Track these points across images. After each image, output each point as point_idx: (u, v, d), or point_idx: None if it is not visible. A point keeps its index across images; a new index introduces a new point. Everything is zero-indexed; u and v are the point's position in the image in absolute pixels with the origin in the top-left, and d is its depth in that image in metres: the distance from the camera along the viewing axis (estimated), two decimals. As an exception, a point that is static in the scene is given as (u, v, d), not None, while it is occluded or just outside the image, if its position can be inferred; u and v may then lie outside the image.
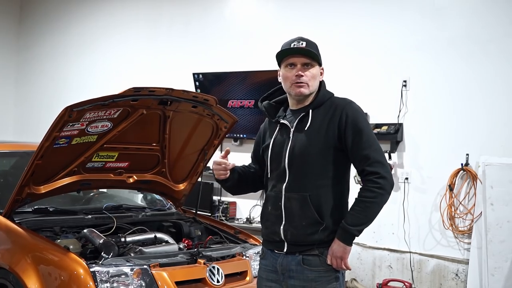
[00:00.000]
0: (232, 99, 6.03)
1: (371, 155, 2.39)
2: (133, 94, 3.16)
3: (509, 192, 4.56)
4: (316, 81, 2.50)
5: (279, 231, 2.47)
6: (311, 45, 2.50)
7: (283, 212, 2.46)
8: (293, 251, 2.45)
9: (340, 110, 2.44)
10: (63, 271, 2.97)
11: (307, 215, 2.41)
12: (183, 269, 3.17)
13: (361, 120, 2.44)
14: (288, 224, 2.45)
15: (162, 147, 3.73)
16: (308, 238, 2.41)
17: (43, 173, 3.34)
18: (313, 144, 2.43)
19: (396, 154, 5.24)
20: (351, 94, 2.46)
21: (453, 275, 4.95)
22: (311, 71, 2.47)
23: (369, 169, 2.38)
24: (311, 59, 2.48)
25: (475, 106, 4.89)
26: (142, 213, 3.93)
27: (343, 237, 2.39)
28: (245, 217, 6.07)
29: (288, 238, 2.45)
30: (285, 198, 2.46)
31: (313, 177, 2.43)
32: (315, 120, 2.46)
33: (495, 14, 4.84)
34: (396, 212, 5.18)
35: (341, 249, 2.39)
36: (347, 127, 2.41)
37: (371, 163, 2.38)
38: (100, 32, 7.65)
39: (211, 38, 6.53)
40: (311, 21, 5.76)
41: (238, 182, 2.65)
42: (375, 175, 2.37)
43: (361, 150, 2.40)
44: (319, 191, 2.43)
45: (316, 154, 2.43)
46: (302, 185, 2.44)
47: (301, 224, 2.42)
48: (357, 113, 2.45)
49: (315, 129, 2.45)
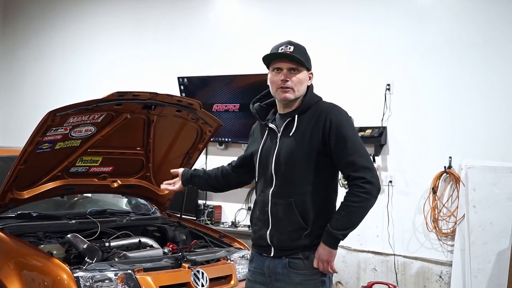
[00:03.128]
0: (217, 103, 6.04)
1: (356, 160, 2.38)
2: (117, 98, 3.15)
3: (491, 195, 4.61)
4: (302, 86, 2.48)
5: (266, 236, 2.49)
6: (298, 50, 2.48)
7: (269, 218, 2.48)
8: (280, 255, 2.47)
9: (325, 115, 2.43)
10: (47, 276, 2.95)
11: (292, 220, 2.43)
12: (168, 274, 3.17)
13: (345, 126, 2.42)
14: (274, 229, 2.47)
15: (146, 151, 3.72)
16: (294, 243, 2.43)
17: (26, 178, 3.31)
18: (298, 150, 2.43)
19: (380, 158, 5.27)
20: (335, 97, 2.47)
21: (436, 277, 4.99)
22: (297, 76, 2.46)
23: (355, 174, 2.38)
24: (297, 64, 2.46)
25: (458, 109, 4.94)
26: (127, 218, 3.91)
27: (328, 241, 2.40)
28: (230, 221, 6.07)
29: (275, 243, 2.47)
30: (272, 204, 2.48)
31: (298, 183, 2.44)
32: (301, 125, 2.46)
33: (477, 20, 4.89)
34: (380, 215, 5.21)
35: (327, 252, 2.41)
36: (331, 133, 2.40)
37: (357, 169, 2.37)
38: (85, 36, 7.60)
39: (196, 42, 6.53)
40: (295, 25, 5.78)
41: (206, 182, 2.85)
42: (361, 180, 2.36)
43: (346, 156, 2.39)
44: (304, 196, 2.43)
45: (301, 160, 2.43)
46: (288, 190, 2.45)
47: (287, 229, 2.44)
48: (342, 118, 2.44)
49: (300, 135, 2.45)
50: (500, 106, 4.78)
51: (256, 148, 2.59)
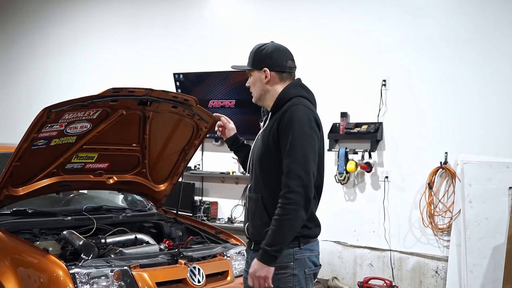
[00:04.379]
0: (213, 99, 6.03)
1: (290, 165, 2.36)
2: (113, 94, 3.14)
3: (487, 190, 4.62)
4: (256, 87, 2.59)
5: (245, 229, 2.63)
6: (249, 57, 2.61)
7: (248, 212, 2.61)
8: (257, 248, 2.50)
9: (281, 115, 2.45)
10: (43, 273, 2.94)
11: (260, 215, 2.51)
12: (164, 270, 3.16)
13: (294, 127, 2.39)
14: (250, 222, 2.59)
15: (142, 147, 3.71)
16: (263, 236, 2.43)
17: (21, 175, 3.30)
18: (262, 147, 2.52)
19: (376, 153, 5.28)
20: (331, 93, 2.49)
21: (432, 272, 5.00)
22: (250, 80, 2.61)
23: (284, 180, 2.37)
24: (247, 70, 2.60)
25: (454, 105, 4.95)
26: (123, 214, 3.90)
27: (264, 258, 2.38)
28: (227, 217, 6.07)
29: (251, 236, 2.58)
30: (248, 199, 2.61)
31: (263, 179, 2.52)
32: (269, 123, 2.54)
33: (472, 14, 4.90)
34: (377, 211, 5.22)
35: (265, 270, 2.38)
36: (281, 132, 2.42)
37: (287, 173, 2.37)
38: (80, 32, 7.58)
39: (192, 38, 6.52)
40: (291, 21, 5.78)
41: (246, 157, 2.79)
42: (286, 189, 2.35)
43: (285, 158, 2.39)
44: (269, 192, 2.48)
45: (263, 157, 2.51)
46: (257, 186, 2.55)
47: (257, 223, 2.53)
48: (294, 119, 2.40)
49: (266, 133, 2.53)
50: (496, 102, 4.79)
51: None
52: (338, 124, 5.35)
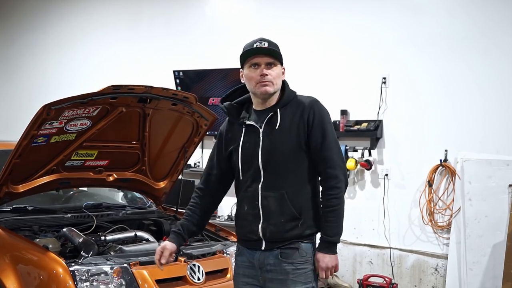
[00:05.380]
0: (213, 96, 6.02)
1: (333, 157, 2.48)
2: (112, 92, 3.14)
3: (486, 188, 4.62)
4: (280, 80, 2.54)
5: (257, 229, 2.51)
6: (273, 46, 2.53)
7: (260, 211, 2.50)
8: (271, 247, 2.49)
9: (308, 109, 2.50)
10: (42, 270, 2.94)
11: (285, 212, 2.47)
12: (164, 267, 3.16)
13: (326, 121, 2.52)
14: (266, 222, 2.49)
15: (142, 145, 3.72)
16: (287, 234, 2.47)
17: (21, 172, 3.30)
18: (286, 143, 2.48)
19: (376, 151, 5.28)
20: (330, 91, 2.50)
21: (432, 270, 5.00)
22: (274, 70, 2.50)
23: (330, 171, 2.47)
24: (274, 58, 2.51)
25: (454, 102, 4.94)
26: (122, 212, 3.91)
27: (330, 248, 2.49)
28: (227, 214, 6.07)
29: (267, 236, 2.49)
30: (262, 197, 2.50)
31: (288, 175, 2.48)
32: (284, 119, 2.51)
33: (473, 12, 4.89)
34: (376, 208, 5.22)
35: (333, 259, 2.49)
36: (314, 126, 2.47)
37: (332, 165, 2.47)
38: (80, 29, 7.57)
39: (192, 35, 6.51)
40: (291, 18, 5.77)
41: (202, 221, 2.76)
42: (335, 179, 2.47)
43: (324, 151, 2.48)
44: (295, 187, 2.48)
45: (290, 153, 2.48)
46: (278, 183, 2.48)
47: (280, 221, 2.47)
48: (323, 113, 2.52)
49: (286, 128, 2.49)
50: (496, 99, 4.78)
51: (236, 146, 2.58)
52: (338, 122, 5.35)
